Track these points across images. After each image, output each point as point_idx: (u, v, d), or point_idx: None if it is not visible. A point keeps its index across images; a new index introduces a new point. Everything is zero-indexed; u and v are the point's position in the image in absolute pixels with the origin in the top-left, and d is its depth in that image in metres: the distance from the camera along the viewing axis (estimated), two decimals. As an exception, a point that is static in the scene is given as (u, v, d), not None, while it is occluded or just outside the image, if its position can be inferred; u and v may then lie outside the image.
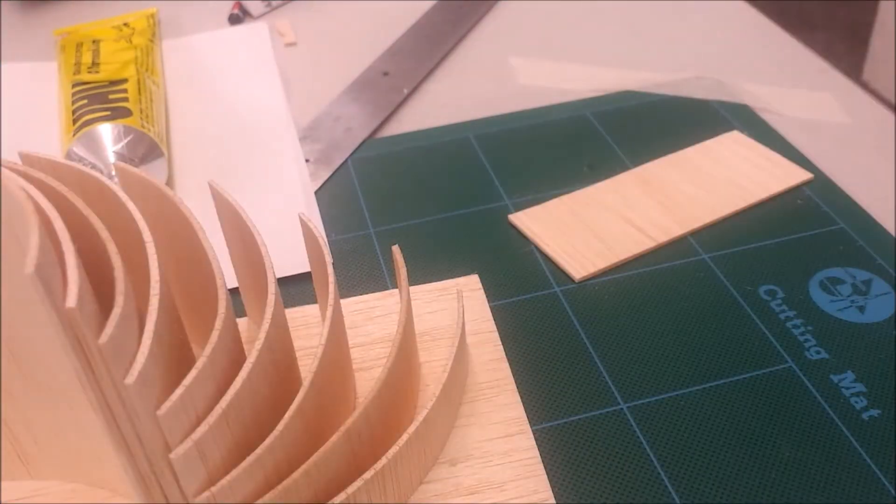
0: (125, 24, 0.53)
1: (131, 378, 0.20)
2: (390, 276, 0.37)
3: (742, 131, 0.45)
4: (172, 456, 0.22)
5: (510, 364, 0.32)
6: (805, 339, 0.33)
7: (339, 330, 0.28)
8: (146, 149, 0.41)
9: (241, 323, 0.34)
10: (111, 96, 0.44)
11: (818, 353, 0.32)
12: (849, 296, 0.35)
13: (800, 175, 0.41)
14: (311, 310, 0.35)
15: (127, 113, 0.42)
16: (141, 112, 0.43)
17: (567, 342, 0.34)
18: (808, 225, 0.38)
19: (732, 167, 0.42)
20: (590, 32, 0.56)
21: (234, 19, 0.59)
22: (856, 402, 0.31)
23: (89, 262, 0.22)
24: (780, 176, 0.41)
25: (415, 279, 0.36)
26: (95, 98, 0.44)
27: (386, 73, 0.51)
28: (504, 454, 0.29)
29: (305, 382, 0.24)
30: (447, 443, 0.29)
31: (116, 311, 0.20)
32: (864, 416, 0.30)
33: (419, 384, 0.31)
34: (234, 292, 0.35)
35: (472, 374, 0.32)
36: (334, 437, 0.24)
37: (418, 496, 0.28)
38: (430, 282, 0.36)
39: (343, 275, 0.38)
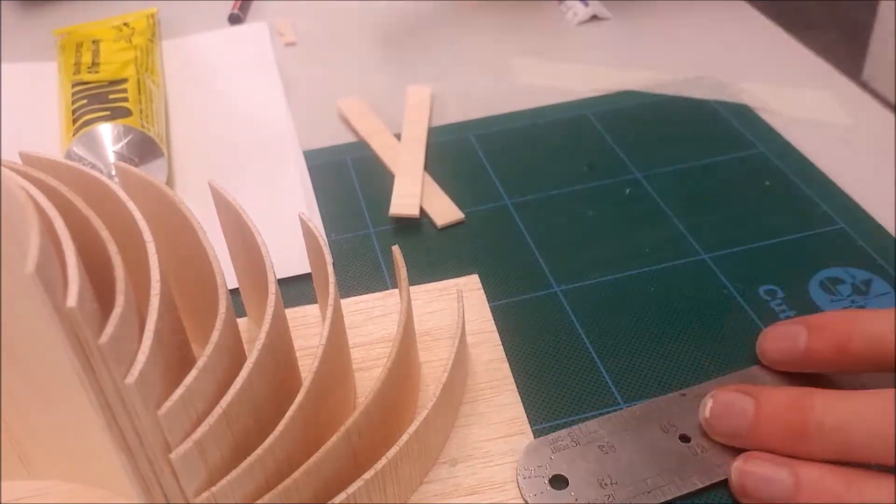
0: (125, 24, 0.53)
1: (131, 378, 0.20)
2: (390, 276, 0.37)
3: (743, 131, 0.45)
4: (172, 456, 0.22)
5: (510, 364, 0.32)
6: (805, 339, 0.33)
7: (339, 330, 0.28)
8: (146, 149, 0.41)
9: (241, 323, 0.34)
10: (111, 96, 0.44)
11: (818, 353, 0.32)
12: (849, 296, 0.35)
13: None
14: (311, 310, 0.35)
15: (127, 113, 0.42)
16: (141, 112, 0.43)
17: (567, 342, 0.34)
18: (808, 225, 0.38)
19: None
20: (590, 32, 0.56)
21: (234, 19, 0.59)
22: (856, 402, 0.31)
23: (89, 261, 0.22)
24: None
25: (415, 279, 0.36)
26: (95, 98, 0.44)
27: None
28: (504, 454, 0.29)
29: (305, 382, 0.24)
30: (447, 443, 0.29)
31: (117, 310, 0.20)
32: (864, 416, 0.30)
33: (419, 384, 0.31)
34: (234, 292, 0.35)
35: (472, 374, 0.32)
36: (334, 437, 0.24)
37: (418, 496, 0.28)
38: (430, 282, 0.36)
39: (343, 275, 0.38)
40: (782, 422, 0.27)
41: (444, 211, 0.40)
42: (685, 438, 0.28)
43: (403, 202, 0.40)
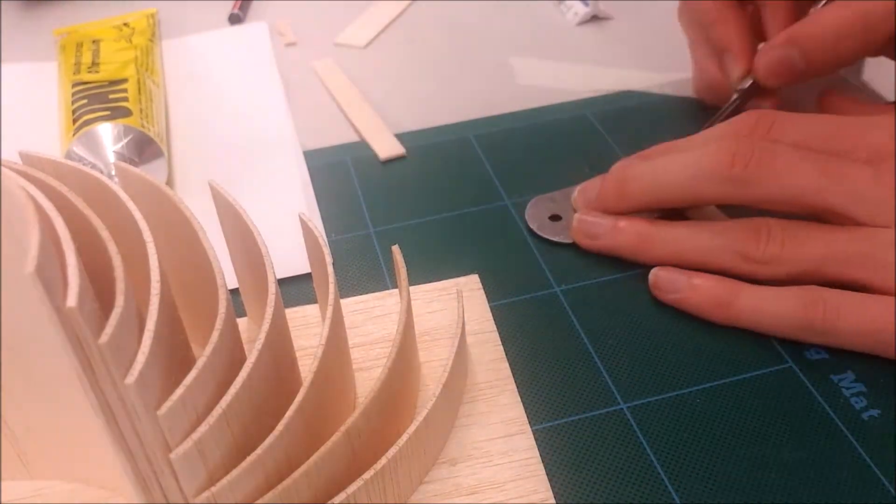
0: (125, 24, 0.53)
1: (131, 378, 0.20)
2: (390, 276, 0.37)
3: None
4: (172, 456, 0.22)
5: (510, 364, 0.32)
6: (805, 339, 0.33)
7: (339, 330, 0.28)
8: (146, 149, 0.41)
9: (241, 323, 0.34)
10: (111, 96, 0.44)
11: (818, 353, 0.32)
12: (849, 296, 0.35)
13: None
14: (311, 310, 0.35)
15: (127, 113, 0.42)
16: (141, 112, 0.43)
17: (567, 342, 0.34)
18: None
19: None
20: (590, 32, 0.56)
21: (234, 19, 0.59)
22: (856, 403, 0.31)
23: (89, 261, 0.22)
24: None
25: (415, 279, 0.36)
26: (95, 98, 0.44)
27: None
28: (504, 454, 0.29)
29: (305, 382, 0.24)
30: (447, 443, 0.29)
31: (117, 310, 0.20)
32: (864, 416, 0.30)
33: (419, 384, 0.31)
34: (234, 292, 0.35)
35: (472, 374, 0.32)
36: (334, 437, 0.24)
37: (418, 496, 0.28)
38: (430, 282, 0.36)
39: (343, 275, 0.38)
40: (613, 180, 0.37)
41: (387, 146, 0.46)
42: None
43: (387, 146, 0.45)
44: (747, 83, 0.41)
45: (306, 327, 0.34)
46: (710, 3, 0.42)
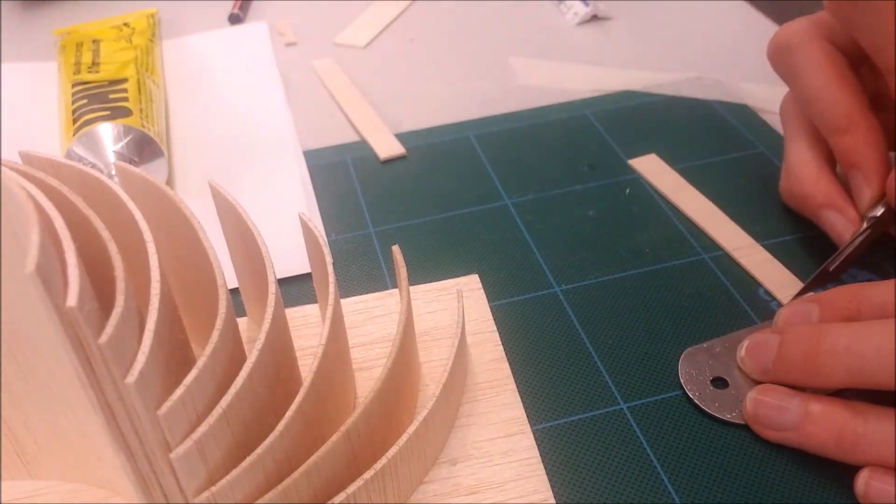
0: (125, 24, 0.53)
1: (131, 378, 0.20)
2: (390, 276, 0.37)
3: (743, 131, 0.45)
4: (172, 456, 0.22)
5: (510, 364, 0.32)
6: (805, 339, 0.33)
7: (339, 330, 0.28)
8: (146, 148, 0.41)
9: (241, 323, 0.34)
10: (111, 96, 0.44)
11: (818, 353, 0.32)
12: (849, 296, 0.35)
13: None
14: (311, 310, 0.35)
15: (127, 113, 0.42)
16: (141, 112, 0.43)
17: (567, 342, 0.34)
18: (809, 225, 0.38)
19: None
20: (590, 32, 0.56)
21: (234, 19, 0.59)
22: (856, 403, 0.31)
23: (89, 261, 0.22)
24: None
25: (415, 279, 0.36)
26: (95, 98, 0.44)
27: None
28: (504, 454, 0.29)
29: (305, 382, 0.24)
30: (447, 443, 0.29)
31: (117, 310, 0.20)
32: (864, 416, 0.30)
33: (419, 384, 0.31)
34: (234, 292, 0.35)
35: (472, 374, 0.32)
36: (334, 437, 0.24)
37: (418, 496, 0.28)
38: (430, 282, 0.36)
39: (343, 275, 0.38)
40: (799, 349, 0.28)
41: (387, 146, 0.46)
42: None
43: (387, 146, 0.45)
44: (879, 210, 0.33)
45: (306, 327, 0.34)
46: (839, 105, 0.33)
